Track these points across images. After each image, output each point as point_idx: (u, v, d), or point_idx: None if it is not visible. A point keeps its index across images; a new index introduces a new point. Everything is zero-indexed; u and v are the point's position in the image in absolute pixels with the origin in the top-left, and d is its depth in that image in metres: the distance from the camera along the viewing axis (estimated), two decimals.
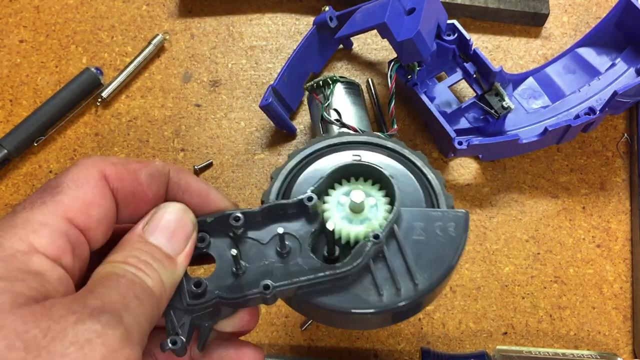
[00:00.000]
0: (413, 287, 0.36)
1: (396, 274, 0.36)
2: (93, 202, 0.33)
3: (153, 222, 0.35)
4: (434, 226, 0.38)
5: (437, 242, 0.37)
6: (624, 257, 0.64)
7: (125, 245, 0.34)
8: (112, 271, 0.31)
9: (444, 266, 0.36)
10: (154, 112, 0.71)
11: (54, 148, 0.70)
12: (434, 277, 0.36)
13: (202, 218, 0.38)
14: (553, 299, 0.62)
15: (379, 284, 0.36)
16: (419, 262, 0.36)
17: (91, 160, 0.34)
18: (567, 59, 0.69)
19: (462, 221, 0.38)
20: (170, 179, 0.37)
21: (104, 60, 0.74)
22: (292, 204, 0.38)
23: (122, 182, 0.34)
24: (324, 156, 0.42)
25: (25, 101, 0.72)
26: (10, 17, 0.76)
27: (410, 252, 0.37)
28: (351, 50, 0.74)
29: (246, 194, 0.67)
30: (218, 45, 0.74)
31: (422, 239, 0.37)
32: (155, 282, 0.32)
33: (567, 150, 0.68)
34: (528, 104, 0.68)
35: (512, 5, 0.72)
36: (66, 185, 0.32)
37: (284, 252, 0.37)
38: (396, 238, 0.37)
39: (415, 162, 0.41)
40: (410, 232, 0.37)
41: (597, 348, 0.61)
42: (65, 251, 0.31)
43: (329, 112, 0.63)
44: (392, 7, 0.60)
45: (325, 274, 0.36)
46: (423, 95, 0.64)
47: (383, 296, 0.36)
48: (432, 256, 0.37)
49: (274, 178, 0.41)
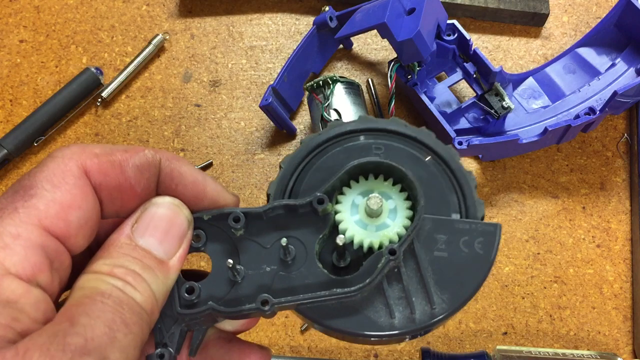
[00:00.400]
0: (430, 311, 0.32)
1: (412, 294, 0.32)
2: (72, 205, 0.29)
3: (142, 220, 0.31)
4: (459, 240, 0.33)
5: (462, 259, 0.33)
6: (624, 257, 0.64)
7: (111, 249, 0.30)
8: (96, 287, 0.28)
9: (467, 290, 0.32)
10: (154, 112, 0.71)
11: (54, 148, 0.70)
12: (454, 301, 0.32)
13: (198, 214, 0.34)
14: (553, 299, 0.62)
15: (392, 304, 0.32)
16: (439, 283, 0.32)
17: (70, 152, 0.30)
18: (567, 59, 0.69)
19: (493, 237, 0.33)
20: (162, 170, 0.32)
21: (104, 60, 0.74)
22: (299, 205, 0.34)
23: (106, 177, 0.30)
24: (341, 144, 0.36)
25: (25, 101, 0.72)
26: (10, 17, 0.76)
27: (429, 270, 0.32)
28: (351, 50, 0.74)
29: (246, 194, 0.67)
30: (218, 45, 0.74)
31: (444, 255, 0.33)
32: (146, 297, 0.29)
33: (567, 150, 0.68)
34: (528, 104, 0.68)
35: (512, 5, 0.72)
36: (40, 186, 0.28)
37: (288, 259, 0.33)
38: (415, 254, 0.33)
39: (446, 158, 0.36)
40: (431, 245, 0.33)
41: (597, 348, 0.61)
42: (41, 268, 0.27)
43: (329, 112, 0.63)
44: (392, 7, 0.60)
45: (330, 292, 0.32)
46: (423, 95, 0.64)
47: (395, 319, 0.32)
48: (454, 276, 0.32)
49: (282, 167, 0.36)
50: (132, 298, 0.28)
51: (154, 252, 0.30)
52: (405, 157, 0.36)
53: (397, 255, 0.32)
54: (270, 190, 0.35)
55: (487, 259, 0.33)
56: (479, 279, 0.32)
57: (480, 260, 0.33)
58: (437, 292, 0.32)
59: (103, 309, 0.26)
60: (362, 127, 0.37)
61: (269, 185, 0.36)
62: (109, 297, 0.27)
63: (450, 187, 0.35)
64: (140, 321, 0.28)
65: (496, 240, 0.33)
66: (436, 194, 0.35)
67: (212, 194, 0.34)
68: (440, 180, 0.35)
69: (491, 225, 0.33)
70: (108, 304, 0.27)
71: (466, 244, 0.33)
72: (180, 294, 0.32)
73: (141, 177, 0.31)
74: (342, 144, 0.36)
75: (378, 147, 0.36)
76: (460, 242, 0.33)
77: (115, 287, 0.28)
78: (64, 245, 0.29)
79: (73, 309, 0.26)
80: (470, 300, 0.32)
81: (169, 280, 0.31)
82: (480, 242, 0.33)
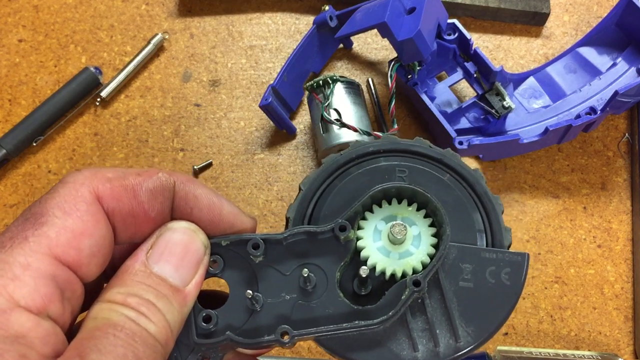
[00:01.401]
0: (454, 344, 0.31)
1: (436, 327, 0.31)
2: (84, 232, 0.28)
3: (158, 246, 0.30)
4: (485, 270, 0.32)
5: (488, 291, 0.31)
6: (625, 258, 0.63)
7: (125, 277, 0.29)
8: (108, 318, 0.27)
9: (493, 322, 0.31)
10: (154, 112, 0.71)
11: (53, 148, 0.70)
12: (480, 334, 0.31)
13: (216, 240, 0.33)
14: (554, 300, 0.62)
15: (415, 337, 0.31)
16: (464, 315, 0.31)
17: (82, 177, 0.29)
18: (568, 58, 0.69)
19: (520, 268, 0.32)
20: (177, 193, 0.32)
21: (103, 60, 0.73)
22: (320, 232, 0.33)
23: (119, 202, 0.29)
24: (363, 166, 0.35)
25: (24, 101, 0.72)
26: (9, 16, 0.76)
27: (454, 301, 0.31)
28: (351, 49, 0.74)
29: (246, 194, 0.67)
30: (218, 44, 0.74)
31: (469, 285, 0.32)
32: (160, 328, 0.28)
33: (568, 150, 0.68)
34: (529, 103, 0.67)
35: (512, 5, 0.71)
36: (51, 213, 0.27)
37: (308, 288, 0.32)
38: (440, 284, 0.32)
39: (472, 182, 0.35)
40: (457, 275, 0.32)
41: (598, 349, 0.60)
42: (52, 299, 0.26)
43: (329, 111, 0.63)
44: (392, 6, 0.60)
45: (352, 324, 0.30)
46: (423, 94, 0.64)
47: (418, 353, 0.31)
48: (480, 308, 0.31)
49: (302, 189, 0.35)
50: (145, 330, 0.27)
51: (169, 280, 0.29)
52: (429, 180, 0.35)
53: (422, 287, 0.31)
54: (290, 214, 0.34)
55: (514, 290, 0.32)
56: (505, 311, 0.31)
57: (507, 292, 0.31)
58: (462, 324, 0.31)
59: (115, 343, 0.25)
60: (385, 148, 0.36)
61: (288, 208, 0.35)
62: (121, 329, 0.26)
63: (476, 212, 0.34)
64: (154, 354, 0.27)
65: (524, 271, 0.32)
66: (461, 220, 0.34)
67: (229, 217, 0.33)
68: (466, 206, 0.34)
69: (519, 254, 0.32)
70: (120, 337, 0.26)
71: (493, 274, 0.32)
72: (197, 322, 0.31)
73: (155, 202, 0.31)
74: (364, 166, 0.35)
75: (402, 170, 0.35)
76: (487, 272, 0.32)
77: (129, 318, 0.27)
78: (76, 273, 0.28)
79: (84, 342, 0.25)
80: (496, 332, 0.31)
81: (184, 309, 0.30)
82: (507, 272, 0.32)
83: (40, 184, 0.68)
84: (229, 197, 0.67)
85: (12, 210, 0.67)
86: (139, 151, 0.69)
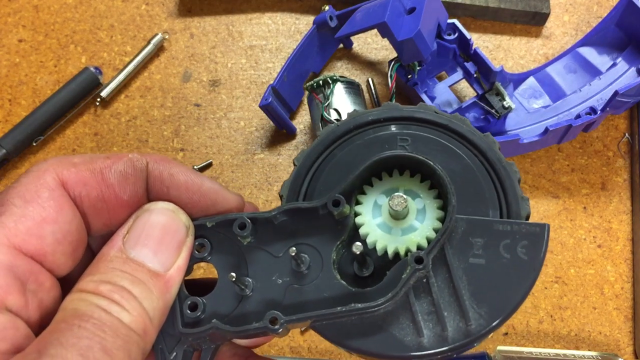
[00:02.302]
0: (464, 328, 0.27)
1: (443, 309, 0.28)
2: (46, 219, 0.26)
3: (134, 230, 0.28)
4: (498, 244, 0.28)
5: (502, 267, 0.28)
6: (625, 258, 0.63)
7: (99, 264, 0.27)
8: (75, 309, 0.25)
9: (509, 302, 0.27)
10: (154, 112, 0.71)
11: (53, 148, 0.70)
12: (493, 316, 0.27)
13: (201, 221, 0.30)
14: (554, 300, 0.62)
15: (420, 321, 0.28)
16: (476, 294, 0.28)
17: (45, 164, 0.27)
18: (568, 58, 0.69)
19: (540, 240, 0.28)
20: (150, 173, 0.29)
21: (103, 60, 0.73)
22: (313, 208, 0.30)
23: (86, 187, 0.28)
24: (362, 137, 0.32)
25: (24, 101, 0.72)
26: (9, 16, 0.76)
27: (464, 280, 0.28)
28: (351, 49, 0.74)
29: (246, 194, 0.67)
30: (218, 44, 0.74)
31: (481, 262, 0.28)
32: (136, 316, 0.25)
33: (568, 150, 0.68)
34: (529, 103, 0.67)
35: (512, 5, 0.71)
36: (10, 203, 0.26)
37: (301, 270, 0.29)
38: (446, 262, 0.28)
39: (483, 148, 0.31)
40: (466, 251, 0.28)
41: (598, 349, 0.60)
42: (10, 290, 0.25)
43: (329, 111, 0.63)
44: (392, 6, 0.60)
45: (348, 307, 0.27)
46: (423, 94, 0.64)
47: (424, 338, 0.27)
48: (494, 287, 0.28)
49: (296, 164, 0.32)
50: (117, 319, 0.25)
51: (147, 265, 0.27)
52: (435, 148, 0.31)
53: (425, 264, 0.27)
54: (283, 191, 0.32)
55: (533, 265, 0.28)
56: (523, 289, 0.28)
57: (525, 268, 0.28)
58: (474, 305, 0.27)
59: (79, 334, 0.23)
60: (385, 116, 0.33)
61: (282, 185, 0.32)
62: (88, 319, 0.24)
63: (488, 181, 0.30)
64: (127, 345, 0.25)
65: (544, 243, 0.28)
66: (472, 190, 0.30)
67: (209, 193, 0.30)
68: (477, 174, 0.30)
69: (537, 225, 0.28)
70: (86, 328, 0.24)
71: (507, 248, 0.28)
72: (182, 310, 0.29)
73: (126, 184, 0.28)
74: (363, 137, 0.32)
75: (404, 138, 0.32)
76: (501, 246, 0.28)
77: (99, 307, 0.25)
78: (42, 264, 0.26)
79: (47, 336, 0.24)
80: (513, 314, 0.28)
81: (167, 295, 0.28)
82: (524, 246, 0.28)
83: None
84: None
85: None
86: (139, 151, 0.69)
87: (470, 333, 0.27)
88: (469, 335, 0.27)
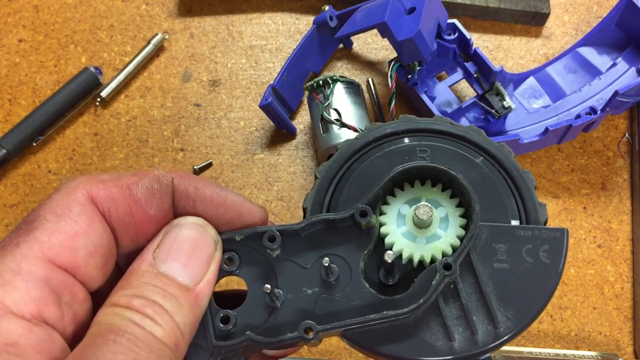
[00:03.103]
0: (493, 331, 0.28)
1: (472, 313, 0.29)
2: (78, 232, 0.27)
3: (164, 244, 0.29)
4: (521, 249, 0.30)
5: (525, 271, 0.29)
6: (625, 258, 0.63)
7: (131, 278, 0.28)
8: (110, 324, 0.25)
9: (535, 304, 0.29)
10: (154, 112, 0.71)
11: (53, 148, 0.70)
12: (521, 318, 0.29)
13: (229, 235, 0.31)
14: (554, 300, 0.62)
15: (450, 325, 0.29)
16: (502, 298, 0.29)
17: (75, 182, 0.28)
18: (568, 58, 0.69)
19: (560, 244, 0.30)
20: (176, 188, 0.30)
21: (103, 60, 0.73)
22: (340, 220, 0.31)
23: (114, 202, 0.28)
24: (382, 148, 0.33)
25: (24, 101, 0.72)
26: (9, 16, 0.76)
27: (490, 284, 0.29)
28: (351, 49, 0.74)
29: (246, 194, 0.67)
30: (218, 44, 0.74)
31: (505, 267, 0.29)
32: (168, 330, 0.26)
33: (568, 150, 0.68)
34: (529, 103, 0.67)
35: (512, 5, 0.71)
36: (43, 218, 0.26)
37: (330, 280, 0.30)
38: (473, 267, 0.30)
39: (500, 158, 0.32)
40: (490, 257, 0.30)
41: (598, 349, 0.60)
42: (47, 302, 0.25)
43: (329, 111, 0.63)
44: (392, 6, 0.60)
45: (381, 315, 0.28)
46: (423, 94, 0.64)
47: (455, 342, 0.28)
48: (519, 291, 0.29)
49: (318, 177, 0.33)
50: (150, 334, 0.25)
51: (178, 279, 0.28)
52: (453, 158, 0.33)
53: (453, 270, 0.28)
54: (307, 203, 0.33)
55: (554, 269, 0.29)
56: (547, 291, 0.29)
57: (547, 271, 0.29)
58: (501, 309, 0.29)
59: (115, 349, 0.24)
60: (403, 128, 0.33)
61: (305, 198, 0.33)
62: (123, 334, 0.25)
63: (506, 189, 0.32)
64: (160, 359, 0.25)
65: (564, 247, 0.29)
66: (491, 199, 0.31)
67: (234, 205, 0.31)
68: (495, 183, 0.32)
69: (557, 230, 0.30)
70: (121, 343, 0.24)
71: (530, 253, 0.29)
72: (214, 324, 0.29)
73: (152, 199, 0.29)
74: (382, 148, 0.33)
75: (423, 150, 0.33)
76: (523, 251, 0.30)
77: (132, 321, 0.25)
78: (75, 277, 0.27)
79: (84, 350, 0.24)
80: (539, 315, 0.29)
81: (197, 309, 0.28)
82: (545, 250, 0.29)
83: (40, 184, 0.68)
84: None
85: (12, 210, 0.67)
86: (139, 151, 0.69)
87: (500, 336, 0.28)
88: (498, 337, 0.28)
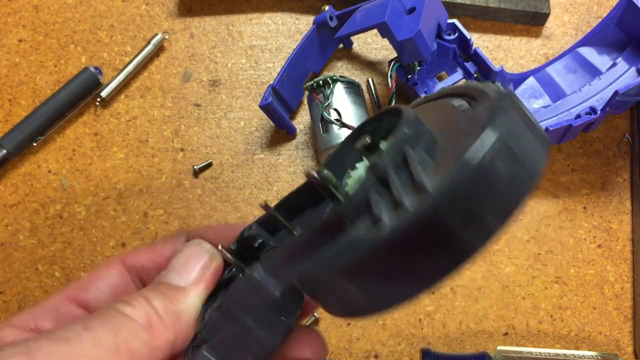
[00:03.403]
0: (424, 196, 0.21)
1: (398, 189, 0.23)
2: (99, 276, 0.34)
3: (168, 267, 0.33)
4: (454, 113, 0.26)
5: (456, 124, 0.25)
6: (625, 258, 0.63)
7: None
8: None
9: (469, 155, 0.20)
10: (154, 112, 0.71)
11: (53, 148, 0.70)
12: (451, 171, 0.20)
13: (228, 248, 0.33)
14: (554, 300, 0.62)
15: (376, 212, 0.23)
16: (432, 160, 0.24)
17: (112, 257, 0.34)
18: (568, 58, 0.69)
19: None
20: (189, 233, 0.35)
21: (103, 60, 0.73)
22: (299, 192, 0.32)
23: (138, 254, 0.35)
24: None
25: (24, 101, 0.72)
26: (9, 16, 0.76)
27: (415, 152, 0.24)
28: (351, 49, 0.74)
29: (246, 194, 0.67)
30: (218, 44, 0.74)
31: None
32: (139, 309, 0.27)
33: (568, 150, 0.68)
34: (529, 103, 0.67)
35: (512, 5, 0.71)
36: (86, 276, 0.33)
37: None
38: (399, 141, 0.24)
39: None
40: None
41: (598, 349, 0.60)
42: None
43: (329, 111, 0.63)
44: (392, 6, 0.60)
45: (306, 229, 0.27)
46: (423, 94, 0.64)
47: (381, 222, 0.22)
48: (450, 145, 0.23)
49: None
50: (119, 311, 0.27)
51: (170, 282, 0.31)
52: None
53: (381, 160, 0.24)
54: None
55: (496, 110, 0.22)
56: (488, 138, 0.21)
57: (478, 118, 0.23)
58: (427, 171, 0.23)
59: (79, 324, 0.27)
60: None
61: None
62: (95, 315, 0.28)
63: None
64: (116, 327, 0.26)
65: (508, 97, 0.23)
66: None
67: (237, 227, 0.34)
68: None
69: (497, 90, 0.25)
70: (86, 318, 0.27)
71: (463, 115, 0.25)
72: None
73: (167, 243, 0.35)
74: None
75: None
76: (457, 115, 0.26)
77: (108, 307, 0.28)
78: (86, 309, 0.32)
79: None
80: (479, 173, 0.21)
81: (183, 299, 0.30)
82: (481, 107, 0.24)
83: (40, 184, 0.68)
84: (229, 197, 0.67)
85: (12, 210, 0.67)
86: (139, 151, 0.69)
87: (430, 197, 0.21)
88: (429, 199, 0.21)
